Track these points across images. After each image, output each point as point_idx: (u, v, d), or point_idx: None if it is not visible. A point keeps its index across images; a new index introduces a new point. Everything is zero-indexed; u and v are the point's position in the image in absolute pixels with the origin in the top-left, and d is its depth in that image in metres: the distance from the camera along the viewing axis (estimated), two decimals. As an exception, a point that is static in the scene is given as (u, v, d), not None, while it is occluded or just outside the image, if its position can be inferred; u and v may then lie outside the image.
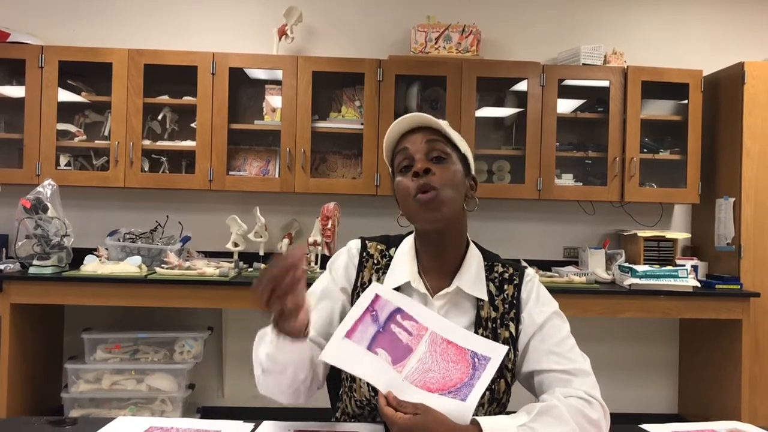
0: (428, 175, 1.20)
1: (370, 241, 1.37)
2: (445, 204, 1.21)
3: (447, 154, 1.24)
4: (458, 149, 1.27)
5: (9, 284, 2.98)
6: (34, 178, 3.25)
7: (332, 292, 1.31)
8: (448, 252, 1.28)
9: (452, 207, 1.22)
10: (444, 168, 1.22)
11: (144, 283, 3.02)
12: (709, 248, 3.59)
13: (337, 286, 1.32)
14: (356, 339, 1.11)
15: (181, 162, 3.53)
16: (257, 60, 3.37)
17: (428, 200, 1.20)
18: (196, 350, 3.26)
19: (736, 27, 3.84)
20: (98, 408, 3.14)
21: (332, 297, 1.31)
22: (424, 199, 1.20)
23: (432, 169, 1.21)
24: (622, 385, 3.71)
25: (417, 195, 1.21)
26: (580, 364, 1.19)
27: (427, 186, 1.20)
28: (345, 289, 1.32)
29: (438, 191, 1.20)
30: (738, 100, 3.37)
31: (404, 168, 1.25)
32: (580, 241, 3.77)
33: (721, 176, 3.52)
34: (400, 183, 1.25)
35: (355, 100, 3.51)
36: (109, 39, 3.54)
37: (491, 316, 1.26)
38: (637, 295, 3.18)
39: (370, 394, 1.21)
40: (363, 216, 3.58)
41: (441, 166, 1.22)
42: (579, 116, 3.58)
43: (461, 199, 1.26)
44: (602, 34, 3.76)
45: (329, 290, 1.32)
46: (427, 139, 1.24)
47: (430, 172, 1.20)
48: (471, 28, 3.43)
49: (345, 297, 1.32)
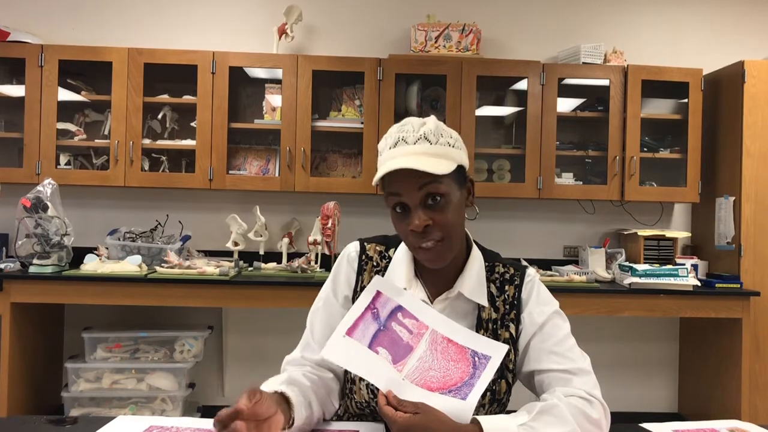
0: (427, 231, 1.14)
1: (369, 243, 1.34)
2: (450, 250, 1.18)
3: (444, 192, 1.14)
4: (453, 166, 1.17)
5: (9, 283, 2.98)
6: (34, 177, 3.25)
7: (333, 306, 1.30)
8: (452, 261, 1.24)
9: (454, 248, 1.19)
10: (443, 211, 1.15)
11: (144, 282, 3.01)
12: (709, 247, 3.59)
13: (340, 297, 1.31)
14: (357, 337, 1.11)
15: (181, 161, 3.53)
16: (257, 59, 3.37)
17: (432, 257, 1.17)
18: (196, 349, 3.26)
19: (736, 26, 3.83)
20: (98, 407, 3.14)
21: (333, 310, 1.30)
22: (426, 257, 1.17)
23: (431, 221, 1.14)
24: (623, 384, 3.71)
25: (417, 249, 1.17)
26: (580, 364, 1.19)
27: (429, 240, 1.15)
28: (348, 298, 1.30)
29: (439, 244, 1.15)
30: (738, 99, 3.37)
31: (398, 211, 1.18)
32: (580, 240, 3.77)
33: (722, 175, 3.52)
34: (397, 227, 1.20)
35: (355, 99, 3.51)
36: (109, 38, 3.54)
37: (492, 318, 1.25)
38: (637, 294, 3.17)
39: (370, 397, 1.21)
40: (363, 215, 3.58)
41: (439, 211, 1.15)
42: (579, 115, 3.57)
43: (462, 226, 1.21)
44: (602, 32, 3.76)
45: (330, 303, 1.31)
46: (420, 186, 1.13)
47: (428, 227, 1.14)
48: (471, 26, 3.43)
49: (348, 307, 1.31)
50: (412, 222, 1.14)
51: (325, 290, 1.34)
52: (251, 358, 3.62)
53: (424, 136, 1.15)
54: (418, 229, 1.13)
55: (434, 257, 1.17)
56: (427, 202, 1.14)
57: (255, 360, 3.61)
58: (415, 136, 1.15)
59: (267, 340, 3.56)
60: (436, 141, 1.15)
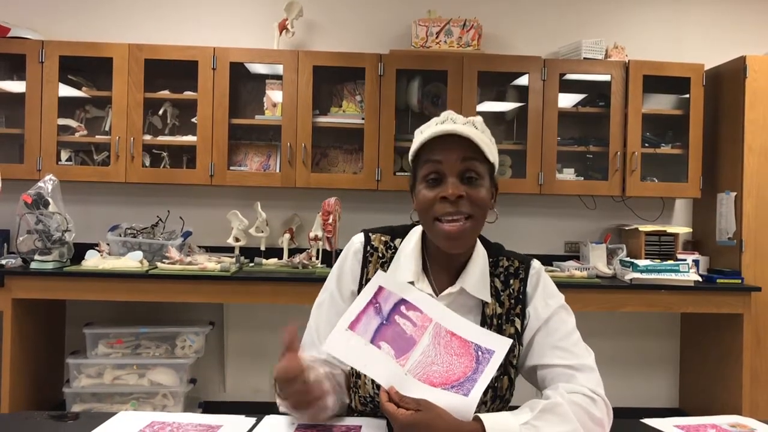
0: (458, 202, 1.14)
1: (374, 233, 1.33)
2: (471, 234, 1.17)
3: (481, 174, 1.16)
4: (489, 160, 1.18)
5: (10, 279, 2.99)
6: (35, 173, 3.25)
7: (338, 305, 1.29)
8: (454, 257, 1.24)
9: (476, 234, 1.19)
10: (476, 191, 1.15)
11: (145, 278, 3.01)
12: (711, 243, 3.58)
13: (345, 293, 1.30)
14: (359, 331, 1.11)
15: (182, 157, 3.53)
16: (258, 55, 3.36)
17: (455, 232, 1.15)
18: (197, 345, 3.26)
19: (737, 21, 3.82)
20: (100, 403, 3.15)
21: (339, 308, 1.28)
22: (450, 230, 1.15)
23: (465, 194, 1.13)
24: (623, 380, 3.72)
25: (442, 220, 1.15)
26: (584, 359, 1.18)
27: (458, 213, 1.14)
28: (354, 293, 1.29)
29: (466, 221, 1.15)
30: (740, 95, 3.36)
31: (431, 180, 1.17)
32: (581, 235, 3.77)
33: (723, 171, 3.52)
34: (424, 197, 1.17)
35: (356, 95, 3.50)
36: (109, 34, 3.54)
37: (497, 313, 1.24)
38: (638, 289, 3.17)
39: (375, 392, 1.20)
40: (364, 211, 3.58)
41: (474, 189, 1.15)
42: (580, 111, 3.57)
43: (485, 219, 1.20)
44: (603, 28, 3.75)
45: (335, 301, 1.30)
46: (463, 157, 1.14)
47: (460, 199, 1.13)
48: (472, 22, 3.42)
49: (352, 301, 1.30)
50: (445, 189, 1.14)
51: (329, 287, 1.33)
52: (252, 353, 3.62)
53: (472, 122, 1.20)
54: (451, 197, 1.13)
55: (457, 233, 1.15)
56: (465, 176, 1.15)
57: (256, 355, 3.61)
58: (463, 120, 1.19)
59: (268, 336, 3.56)
60: (482, 131, 1.20)
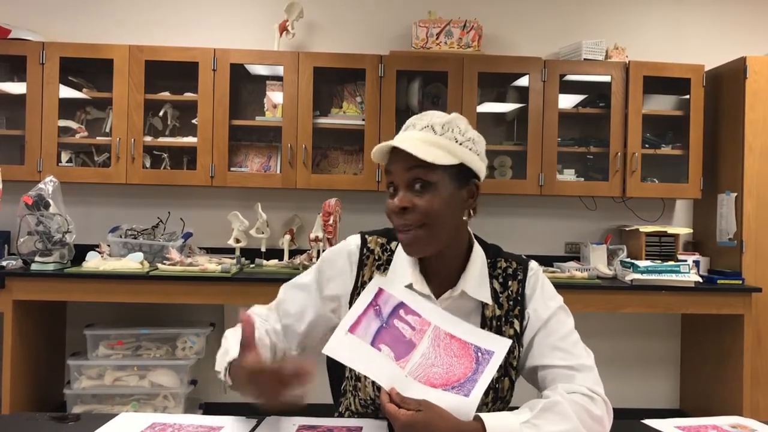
0: (405, 213, 1.15)
1: (371, 236, 1.34)
2: (429, 240, 1.16)
3: (432, 181, 1.14)
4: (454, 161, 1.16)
5: (11, 281, 2.99)
6: (35, 174, 3.25)
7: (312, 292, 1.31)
8: (450, 260, 1.24)
9: (438, 239, 1.17)
10: (424, 200, 1.14)
11: (146, 279, 3.02)
12: (711, 243, 3.58)
13: (322, 292, 1.31)
14: (359, 334, 1.11)
15: (183, 158, 3.53)
16: (258, 56, 3.37)
17: (408, 241, 1.17)
18: (198, 346, 3.26)
19: (737, 21, 3.82)
20: (101, 404, 3.15)
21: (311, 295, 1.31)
22: (403, 239, 1.18)
23: (411, 204, 1.14)
24: (624, 381, 3.71)
25: (398, 230, 1.18)
26: (583, 360, 1.18)
27: (404, 226, 1.16)
28: (335, 297, 1.30)
29: (418, 230, 1.15)
30: (740, 95, 3.36)
31: (391, 191, 1.19)
32: (581, 236, 3.77)
33: (723, 171, 3.51)
34: (386, 207, 1.20)
35: (357, 96, 3.50)
36: (110, 35, 3.54)
37: (496, 315, 1.24)
38: (638, 290, 3.17)
39: (375, 394, 1.21)
40: (364, 212, 3.58)
41: (423, 197, 1.14)
42: (581, 111, 3.57)
43: (451, 222, 1.18)
44: (604, 29, 3.75)
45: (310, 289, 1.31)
46: (408, 167, 1.14)
47: (406, 210, 1.15)
48: (472, 23, 3.42)
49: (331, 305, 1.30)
50: (393, 202, 1.17)
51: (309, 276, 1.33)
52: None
53: (431, 125, 1.17)
54: (394, 208, 1.16)
55: (409, 241, 1.17)
56: (414, 186, 1.15)
57: (257, 357, 3.60)
58: (423, 124, 1.18)
59: (269, 337, 3.55)
60: (442, 133, 1.16)
